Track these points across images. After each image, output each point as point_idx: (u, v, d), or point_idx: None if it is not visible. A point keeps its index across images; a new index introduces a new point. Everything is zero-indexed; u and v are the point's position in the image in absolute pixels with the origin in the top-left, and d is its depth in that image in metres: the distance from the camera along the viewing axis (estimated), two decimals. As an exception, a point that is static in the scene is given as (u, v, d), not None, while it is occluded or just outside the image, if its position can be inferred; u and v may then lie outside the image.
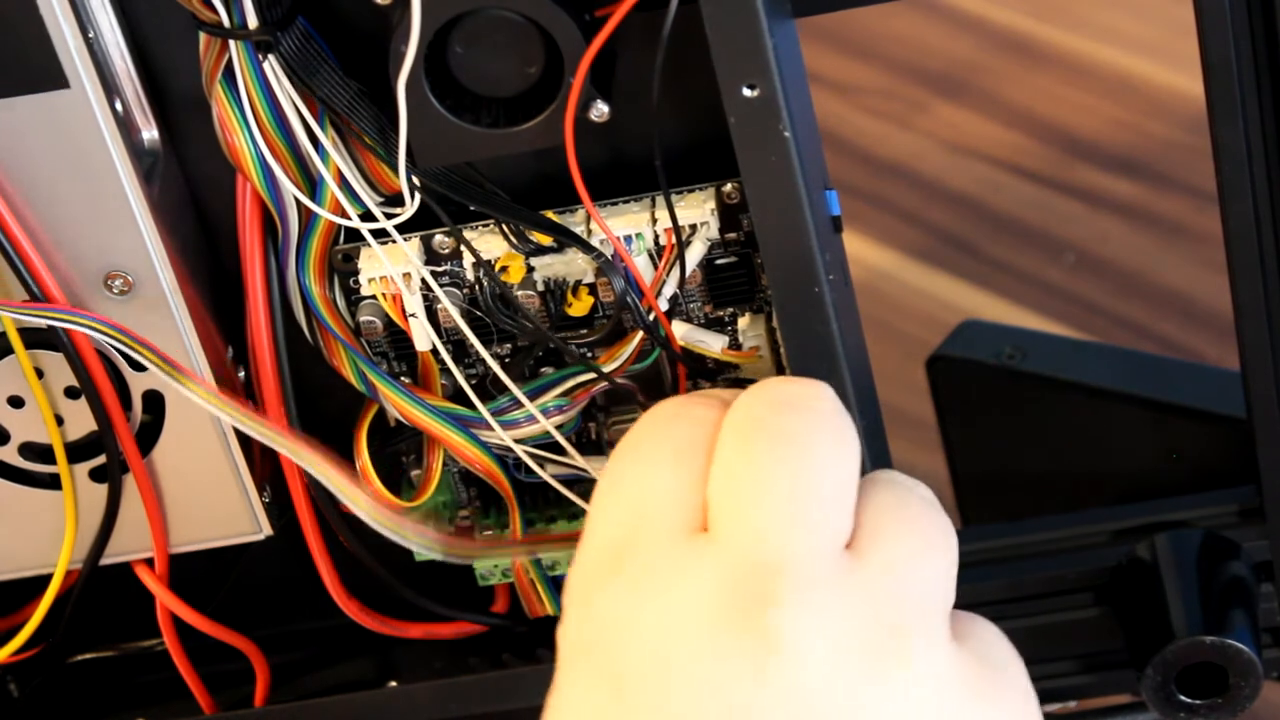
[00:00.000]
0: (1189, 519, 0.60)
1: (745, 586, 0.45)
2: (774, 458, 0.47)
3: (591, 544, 0.48)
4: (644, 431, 0.49)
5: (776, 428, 0.47)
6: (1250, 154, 0.54)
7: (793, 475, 0.46)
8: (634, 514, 0.47)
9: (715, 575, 0.45)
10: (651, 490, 0.48)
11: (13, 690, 0.67)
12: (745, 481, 0.47)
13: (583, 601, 0.47)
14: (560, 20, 0.51)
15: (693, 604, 0.45)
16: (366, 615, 0.62)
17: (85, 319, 0.55)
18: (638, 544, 0.47)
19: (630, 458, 0.49)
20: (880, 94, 1.04)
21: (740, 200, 0.55)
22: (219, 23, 0.52)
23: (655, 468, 0.48)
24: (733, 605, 0.45)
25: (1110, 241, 0.94)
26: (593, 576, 0.47)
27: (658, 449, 0.48)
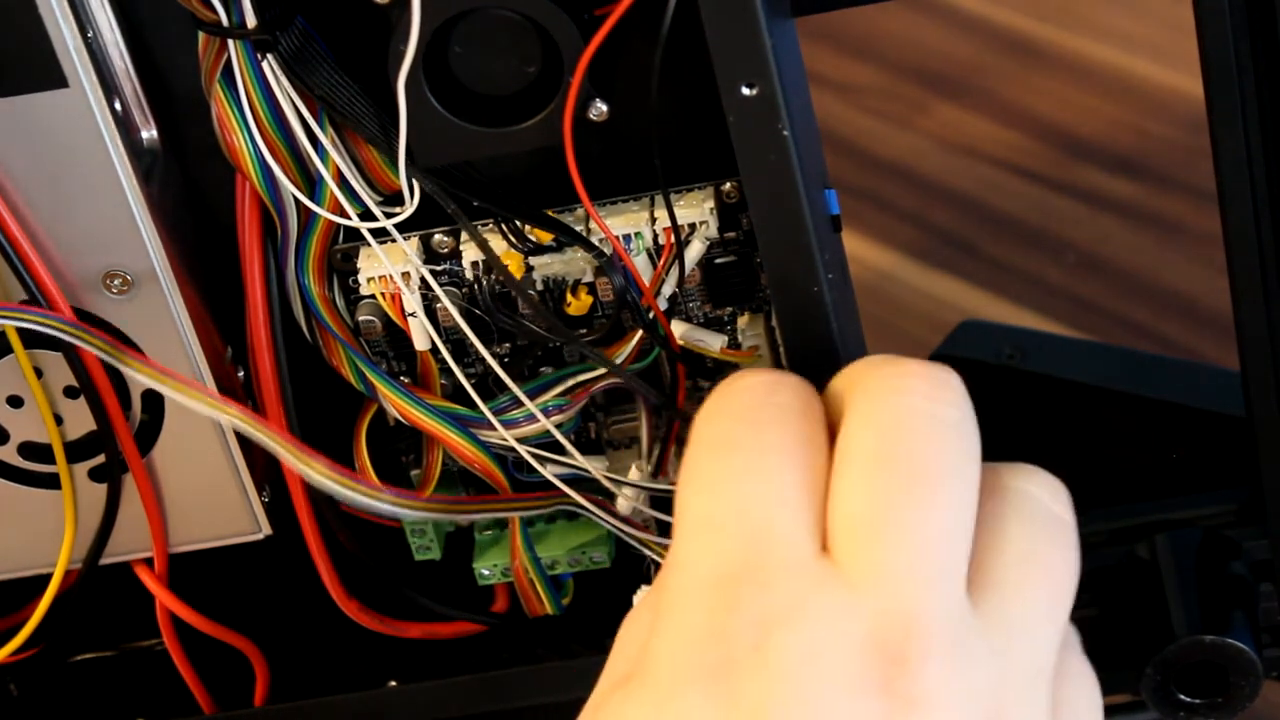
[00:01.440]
0: (1189, 518, 0.60)
1: (888, 637, 0.42)
2: (912, 498, 0.43)
3: (703, 556, 0.44)
4: (734, 429, 0.45)
5: (912, 461, 0.44)
6: (1250, 154, 0.54)
7: (934, 518, 0.43)
8: (755, 531, 0.44)
9: (855, 619, 0.43)
10: (774, 503, 0.44)
11: (13, 690, 0.67)
12: (883, 519, 0.43)
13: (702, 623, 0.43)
14: (559, 19, 0.51)
15: (832, 646, 0.42)
16: (366, 615, 0.62)
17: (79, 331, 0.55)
18: (761, 571, 0.43)
19: (731, 460, 0.45)
20: (880, 94, 1.04)
21: (739, 199, 0.55)
22: (218, 22, 0.52)
23: (768, 476, 0.44)
24: (875, 655, 0.42)
25: (1110, 241, 0.94)
26: (711, 596, 0.43)
27: (772, 455, 0.44)
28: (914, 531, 0.43)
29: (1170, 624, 0.58)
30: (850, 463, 0.44)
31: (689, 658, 0.43)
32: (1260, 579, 0.60)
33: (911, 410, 0.45)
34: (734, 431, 0.45)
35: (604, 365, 0.56)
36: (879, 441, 0.44)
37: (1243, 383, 0.57)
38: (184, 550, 0.60)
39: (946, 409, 0.45)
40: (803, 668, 0.42)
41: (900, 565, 0.43)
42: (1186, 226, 0.94)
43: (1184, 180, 0.96)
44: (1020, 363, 0.72)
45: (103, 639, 0.66)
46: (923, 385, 0.45)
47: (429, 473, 0.60)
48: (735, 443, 0.45)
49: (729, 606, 0.43)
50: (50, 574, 0.60)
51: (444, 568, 0.62)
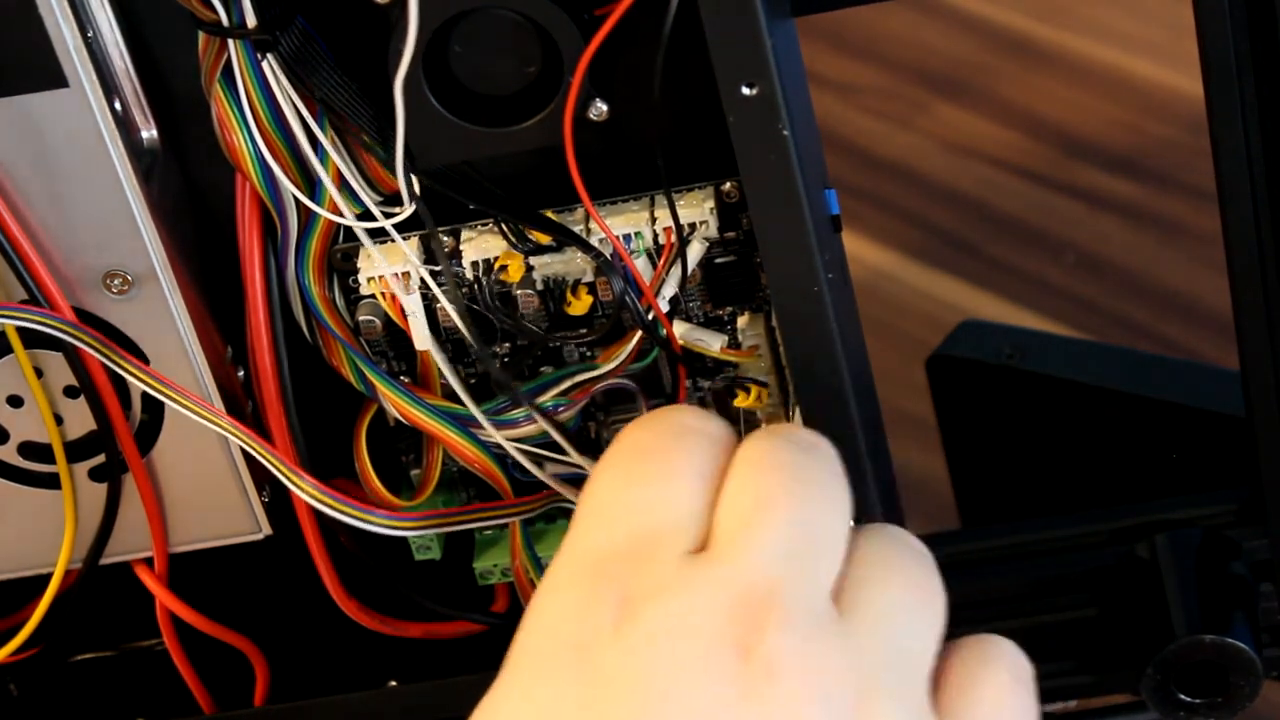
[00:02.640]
0: (1188, 518, 0.60)
1: (748, 607, 0.45)
2: (784, 490, 0.47)
3: (589, 542, 0.47)
4: (663, 439, 0.48)
5: (790, 464, 0.47)
6: (1250, 154, 0.54)
7: (799, 509, 0.46)
8: (644, 524, 0.46)
9: (719, 592, 0.45)
10: (668, 504, 0.47)
11: (13, 690, 0.67)
12: (753, 509, 0.46)
13: (571, 601, 0.46)
14: (559, 19, 0.51)
15: (692, 618, 0.45)
16: (366, 615, 0.62)
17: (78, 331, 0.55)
18: (643, 555, 0.46)
19: (648, 464, 0.48)
20: (880, 94, 1.04)
21: (739, 199, 0.55)
22: (218, 22, 0.52)
23: (674, 481, 0.47)
24: (733, 624, 0.45)
25: (1110, 241, 0.94)
26: (587, 578, 0.46)
27: (680, 462, 0.47)
28: (776, 517, 0.46)
29: (1170, 624, 0.58)
30: (734, 470, 0.47)
31: (558, 631, 0.46)
32: (1260, 579, 0.60)
33: (795, 439, 0.48)
34: (647, 440, 0.48)
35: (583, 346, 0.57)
36: (764, 453, 0.48)
37: (1243, 383, 0.57)
38: (184, 550, 0.60)
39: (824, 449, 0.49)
40: (662, 638, 0.45)
41: (760, 545, 0.46)
42: (1186, 226, 0.94)
43: (1184, 180, 0.96)
44: (1020, 363, 0.72)
45: (103, 639, 0.66)
46: (804, 433, 0.49)
47: (429, 473, 0.60)
48: (645, 449, 0.48)
49: (597, 585, 0.46)
50: (50, 574, 0.60)
51: (444, 567, 0.62)
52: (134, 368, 0.56)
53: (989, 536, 0.62)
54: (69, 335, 0.55)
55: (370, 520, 0.57)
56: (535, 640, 0.46)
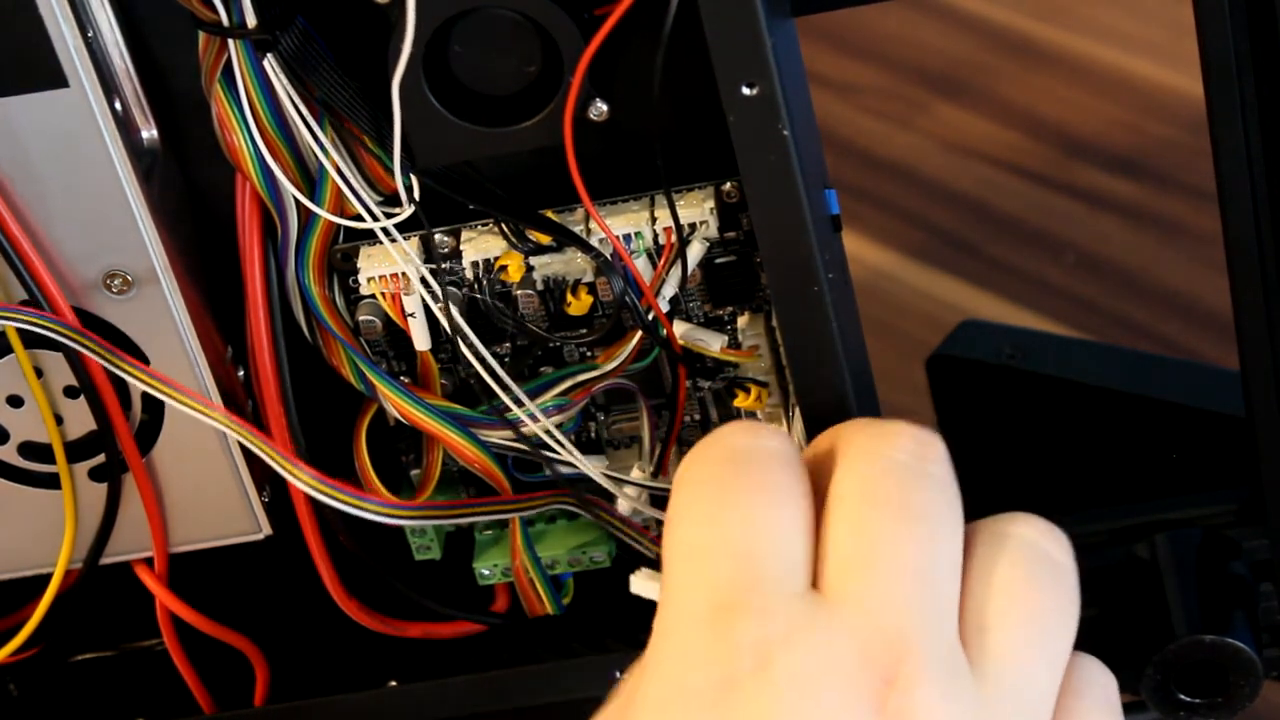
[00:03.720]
0: (1188, 518, 0.60)
1: (880, 659, 0.44)
2: (899, 534, 0.45)
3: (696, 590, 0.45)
4: (723, 470, 0.46)
5: (898, 503, 0.45)
6: (1250, 154, 0.54)
7: (919, 552, 0.45)
8: (748, 565, 0.45)
9: (849, 642, 0.44)
10: (767, 539, 0.45)
11: (13, 690, 0.67)
12: (872, 552, 0.45)
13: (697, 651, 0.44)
14: (559, 19, 0.51)
15: (829, 668, 0.43)
16: (366, 615, 0.62)
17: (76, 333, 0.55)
18: (756, 599, 0.44)
19: (722, 505, 0.46)
20: (880, 94, 1.04)
21: (739, 199, 0.55)
22: (218, 22, 0.52)
23: (765, 513, 0.45)
24: (869, 677, 0.43)
25: (1110, 241, 0.94)
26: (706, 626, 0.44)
27: (757, 499, 0.46)
28: (901, 563, 0.45)
29: (1170, 624, 0.58)
30: (840, 505, 0.46)
31: (689, 680, 0.44)
32: (1260, 579, 0.60)
33: (898, 463, 0.46)
34: (720, 472, 0.47)
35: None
36: (867, 486, 0.46)
37: (1243, 382, 0.57)
38: (184, 550, 0.60)
39: (930, 465, 0.47)
40: (803, 686, 0.43)
41: (889, 593, 0.44)
42: (1186, 226, 0.94)
43: (1184, 180, 0.96)
44: (1020, 363, 0.72)
45: (103, 639, 0.66)
46: (909, 444, 0.47)
47: (429, 473, 0.60)
48: (722, 481, 0.46)
49: (727, 631, 0.44)
50: (50, 574, 0.60)
51: (444, 567, 0.62)
52: (132, 367, 0.56)
53: (989, 536, 0.62)
54: (67, 337, 0.55)
55: (366, 508, 0.57)
56: (662, 691, 0.45)
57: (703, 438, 0.48)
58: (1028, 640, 0.46)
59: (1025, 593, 0.46)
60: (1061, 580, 0.47)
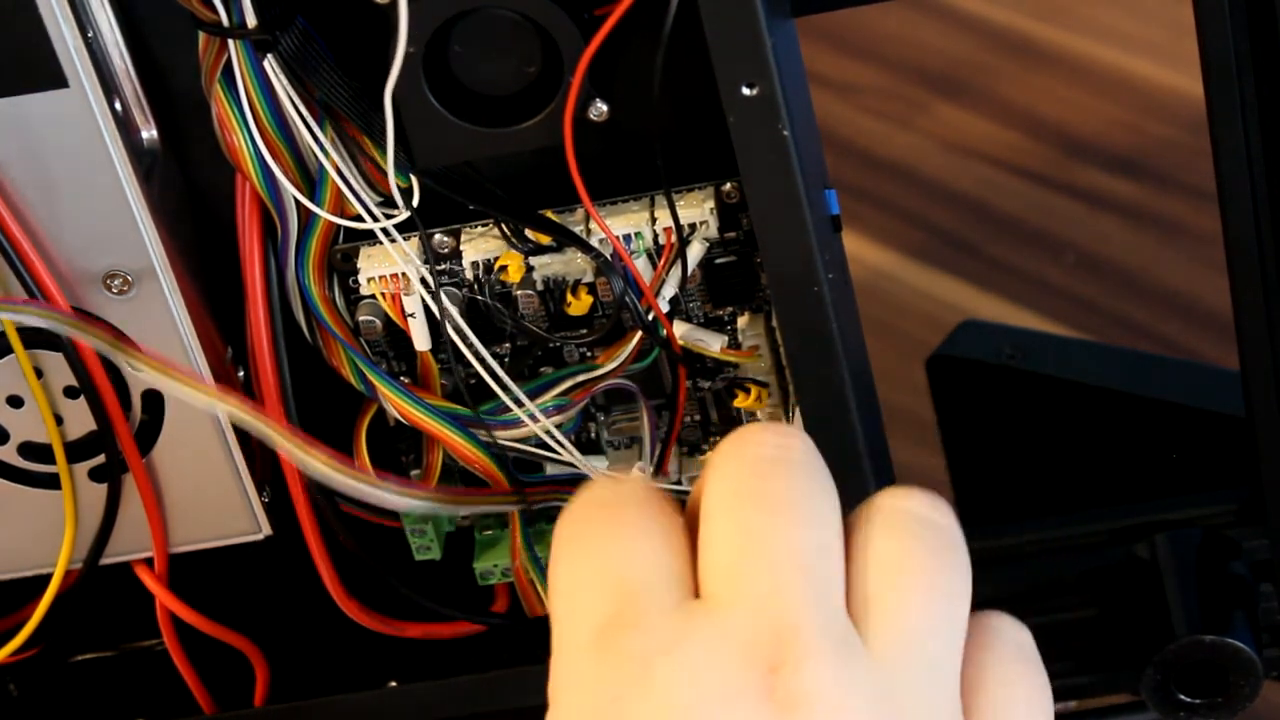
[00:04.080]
0: (1188, 518, 0.60)
1: (762, 649, 0.43)
2: (768, 525, 0.45)
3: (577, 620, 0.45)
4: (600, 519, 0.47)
5: (765, 495, 0.45)
6: (1250, 154, 0.54)
7: (791, 539, 0.45)
8: (622, 591, 0.45)
9: (728, 638, 0.43)
10: (637, 559, 0.45)
11: (13, 690, 0.67)
12: (744, 549, 0.45)
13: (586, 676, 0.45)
14: (559, 19, 0.51)
15: (710, 665, 0.43)
16: (366, 615, 0.62)
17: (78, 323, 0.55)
18: (632, 617, 0.44)
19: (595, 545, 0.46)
20: (880, 94, 1.04)
21: (739, 199, 0.55)
22: (218, 22, 0.52)
23: (622, 543, 0.46)
24: (753, 667, 0.43)
25: (1110, 241, 0.94)
26: (592, 652, 0.45)
27: (628, 534, 0.46)
28: (774, 552, 0.44)
29: (1170, 624, 0.58)
30: (710, 509, 0.46)
31: (579, 705, 0.45)
32: (1260, 579, 0.60)
33: (758, 456, 0.46)
34: (585, 515, 0.47)
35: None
36: (733, 484, 0.46)
37: (1243, 382, 0.57)
38: (184, 550, 0.60)
39: (791, 452, 0.46)
40: (687, 688, 0.43)
41: (765, 584, 0.44)
42: (1186, 226, 0.94)
43: (1184, 180, 0.96)
44: (1020, 363, 0.72)
45: (103, 639, 0.66)
46: (769, 437, 0.47)
47: (429, 472, 0.60)
48: (587, 522, 0.47)
49: (608, 651, 0.44)
50: (50, 574, 0.60)
51: (444, 568, 0.62)
52: (137, 355, 0.55)
53: (989, 536, 0.62)
54: (70, 328, 0.55)
55: (384, 488, 0.57)
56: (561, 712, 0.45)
57: None
58: (916, 605, 0.45)
59: (905, 559, 0.45)
60: (943, 541, 0.46)
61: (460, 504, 0.59)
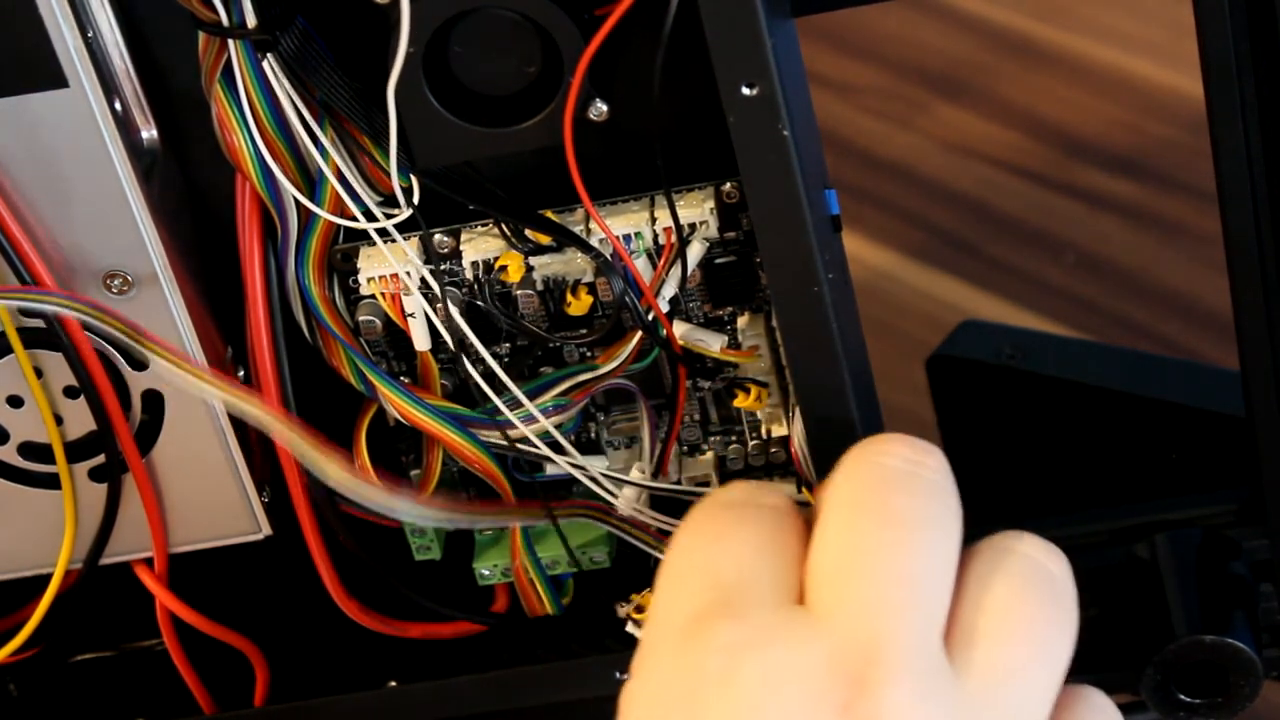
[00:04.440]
0: (1188, 518, 0.60)
1: (850, 664, 0.43)
2: (883, 540, 0.45)
3: (676, 605, 0.46)
4: (720, 517, 0.47)
5: (885, 509, 0.45)
6: (1250, 154, 0.54)
7: (903, 558, 0.45)
8: (728, 579, 0.45)
9: (819, 646, 0.44)
10: (742, 567, 0.46)
11: (13, 690, 0.67)
12: (853, 561, 0.45)
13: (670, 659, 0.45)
14: (559, 19, 0.51)
15: (794, 670, 0.43)
16: (366, 615, 0.62)
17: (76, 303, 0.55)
18: (727, 608, 0.45)
19: (710, 539, 0.47)
20: (880, 94, 1.04)
21: (739, 199, 0.55)
22: (218, 22, 0.52)
23: (749, 539, 0.46)
24: (836, 680, 0.43)
25: (1110, 241, 0.94)
26: (681, 636, 0.45)
27: (742, 535, 0.47)
28: (882, 569, 0.44)
29: (1170, 624, 0.58)
30: (826, 516, 0.46)
31: (660, 695, 0.45)
32: (1260, 579, 0.60)
33: (889, 468, 0.46)
34: (713, 512, 0.48)
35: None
36: (855, 493, 0.46)
37: (1243, 382, 0.57)
38: (184, 550, 0.60)
39: (925, 470, 0.46)
40: (765, 692, 0.43)
41: (866, 598, 0.44)
42: (1186, 226, 0.94)
43: (1184, 180, 0.96)
44: (1020, 363, 0.72)
45: (103, 639, 0.66)
46: (903, 449, 0.47)
47: (429, 473, 0.60)
48: (712, 518, 0.47)
49: (695, 640, 0.45)
50: (50, 574, 0.60)
51: (444, 568, 0.62)
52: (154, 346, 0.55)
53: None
54: (85, 314, 0.55)
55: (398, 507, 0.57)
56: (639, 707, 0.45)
57: None
58: (1019, 650, 0.45)
59: (1021, 606, 0.45)
60: (1059, 597, 0.46)
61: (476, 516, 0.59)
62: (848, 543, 0.45)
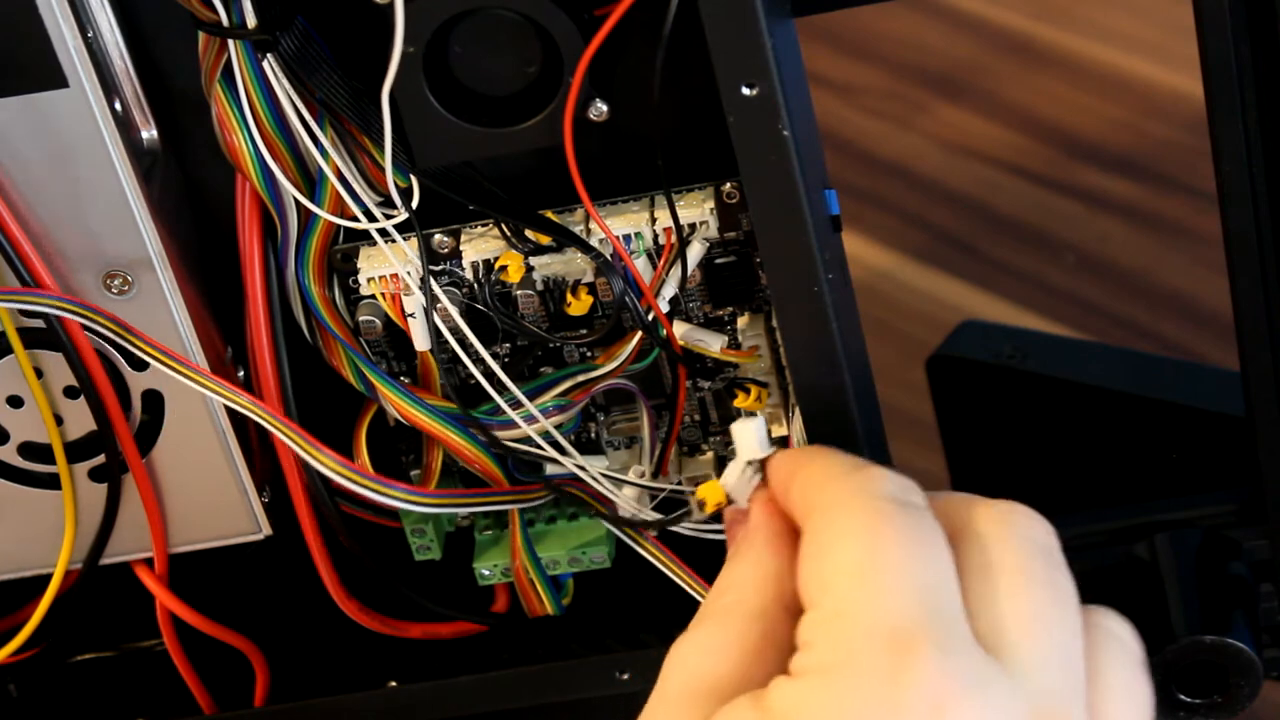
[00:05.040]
0: (1188, 518, 0.60)
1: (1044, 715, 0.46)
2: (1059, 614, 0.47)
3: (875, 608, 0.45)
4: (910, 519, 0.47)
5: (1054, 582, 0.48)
6: (1250, 154, 0.54)
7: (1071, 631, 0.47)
8: (931, 604, 0.46)
9: (1018, 702, 0.45)
10: (942, 586, 0.46)
11: (12, 690, 0.67)
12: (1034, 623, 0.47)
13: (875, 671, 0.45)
14: (559, 19, 0.51)
15: None
16: (366, 615, 0.62)
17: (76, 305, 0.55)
18: (940, 638, 0.45)
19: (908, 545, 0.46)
20: (880, 94, 1.04)
21: (739, 199, 0.55)
22: (218, 22, 0.52)
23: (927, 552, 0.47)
24: None
25: (1110, 241, 0.94)
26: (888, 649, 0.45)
27: (936, 547, 0.47)
28: (1060, 635, 0.47)
29: (1170, 624, 0.58)
30: (996, 572, 0.47)
31: (863, 709, 0.45)
32: (1260, 579, 0.60)
33: (1041, 545, 0.48)
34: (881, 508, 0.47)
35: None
36: (1021, 562, 0.48)
37: (1243, 383, 0.57)
38: (184, 550, 0.60)
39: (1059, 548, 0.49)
40: None
41: (1054, 660, 0.46)
42: (1186, 227, 0.94)
43: (1184, 180, 0.96)
44: (1020, 363, 0.72)
45: (103, 639, 0.66)
46: (1043, 527, 0.49)
47: (429, 472, 0.60)
48: (886, 517, 0.47)
49: (908, 670, 0.45)
50: (50, 574, 0.60)
51: (444, 568, 0.62)
52: (151, 348, 0.55)
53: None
54: (82, 316, 0.55)
55: (391, 495, 0.57)
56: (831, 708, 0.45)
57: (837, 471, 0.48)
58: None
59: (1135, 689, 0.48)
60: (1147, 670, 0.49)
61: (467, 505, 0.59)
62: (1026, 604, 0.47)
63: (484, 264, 0.56)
